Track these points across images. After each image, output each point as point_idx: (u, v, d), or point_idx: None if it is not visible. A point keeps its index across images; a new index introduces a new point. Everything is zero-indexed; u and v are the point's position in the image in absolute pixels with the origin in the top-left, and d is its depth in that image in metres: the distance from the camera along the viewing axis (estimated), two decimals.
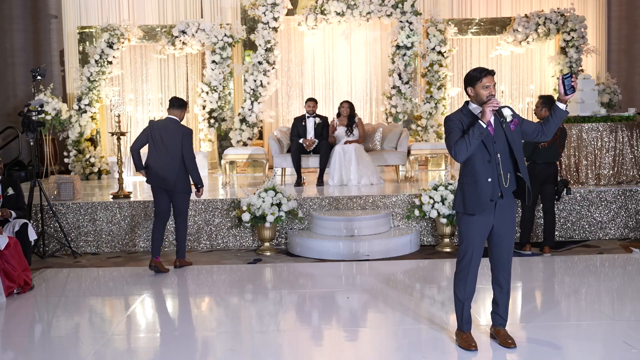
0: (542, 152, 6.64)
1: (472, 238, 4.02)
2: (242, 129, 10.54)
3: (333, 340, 4.54)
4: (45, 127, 10.39)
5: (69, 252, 7.41)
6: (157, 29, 11.00)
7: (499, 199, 3.97)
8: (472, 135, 3.84)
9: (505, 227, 4.05)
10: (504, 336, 4.20)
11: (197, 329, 4.79)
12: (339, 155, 8.71)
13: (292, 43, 11.43)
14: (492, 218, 4.00)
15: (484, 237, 4.05)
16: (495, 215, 4.00)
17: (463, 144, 3.85)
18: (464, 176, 4.03)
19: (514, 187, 4.04)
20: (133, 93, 11.55)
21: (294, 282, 6.19)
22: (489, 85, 3.95)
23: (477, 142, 3.85)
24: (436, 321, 4.71)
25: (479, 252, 4.05)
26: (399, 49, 10.59)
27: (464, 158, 3.91)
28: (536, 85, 11.53)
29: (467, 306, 4.13)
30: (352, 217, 7.21)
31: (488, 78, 3.96)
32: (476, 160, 3.94)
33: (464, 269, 4.07)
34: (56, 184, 7.86)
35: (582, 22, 10.73)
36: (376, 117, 11.53)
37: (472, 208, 3.97)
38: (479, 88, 3.96)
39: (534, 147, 6.57)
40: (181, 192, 6.43)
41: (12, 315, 5.21)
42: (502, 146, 3.95)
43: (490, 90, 3.95)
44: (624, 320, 4.69)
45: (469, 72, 4.05)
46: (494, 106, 3.86)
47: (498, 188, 3.95)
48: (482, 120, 3.86)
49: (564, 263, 6.50)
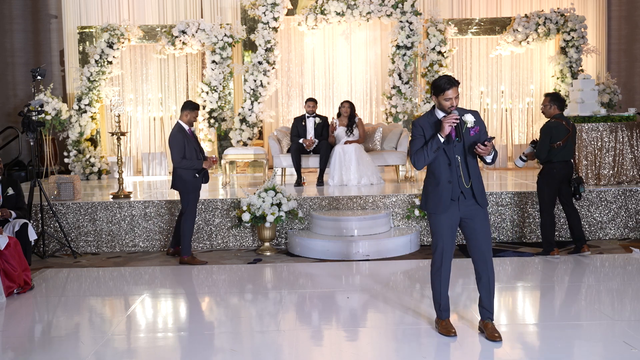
0: (558, 152, 6.45)
1: (440, 233, 4.28)
2: (242, 129, 10.55)
3: (333, 340, 4.54)
4: (45, 127, 10.39)
5: (69, 252, 7.41)
6: (157, 29, 11.00)
7: (462, 197, 4.21)
8: (429, 148, 4.14)
9: (477, 220, 4.26)
10: (491, 329, 4.33)
11: (197, 329, 4.79)
12: (339, 155, 8.71)
13: (292, 43, 11.43)
14: (458, 212, 4.24)
15: (451, 230, 4.29)
16: (462, 210, 4.24)
17: (421, 155, 4.17)
18: (427, 178, 4.34)
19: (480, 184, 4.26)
20: (133, 93, 11.55)
21: (294, 282, 6.19)
22: (451, 97, 4.12)
23: (435, 154, 4.15)
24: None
25: (449, 244, 4.30)
26: (399, 49, 10.59)
27: (422, 167, 4.27)
28: (536, 85, 11.53)
29: (444, 295, 4.37)
30: (352, 217, 7.20)
31: (451, 90, 4.12)
32: (437, 163, 4.22)
33: (437, 260, 4.34)
34: (56, 184, 7.87)
35: (582, 22, 10.73)
36: (376, 117, 11.53)
37: (434, 207, 4.26)
38: (442, 99, 4.16)
39: (549, 147, 6.44)
40: (179, 191, 6.75)
41: (12, 315, 5.21)
42: (462, 149, 4.19)
43: (451, 102, 4.12)
44: (624, 320, 4.70)
45: (435, 81, 4.22)
46: (451, 122, 4.08)
47: (458, 189, 4.20)
48: (440, 135, 4.11)
49: (564, 263, 6.50)
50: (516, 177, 9.56)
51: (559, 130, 6.45)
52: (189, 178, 6.65)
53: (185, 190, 6.68)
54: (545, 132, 6.47)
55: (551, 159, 6.51)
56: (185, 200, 6.70)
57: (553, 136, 6.43)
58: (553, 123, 6.49)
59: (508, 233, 7.62)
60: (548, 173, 6.55)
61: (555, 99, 6.60)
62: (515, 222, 7.61)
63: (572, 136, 6.56)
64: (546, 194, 6.59)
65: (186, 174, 6.64)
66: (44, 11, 12.21)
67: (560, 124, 6.48)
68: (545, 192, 6.59)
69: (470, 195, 4.23)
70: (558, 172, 6.52)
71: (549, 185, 6.57)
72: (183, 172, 6.64)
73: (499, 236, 7.62)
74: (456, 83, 4.14)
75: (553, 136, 6.43)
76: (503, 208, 7.60)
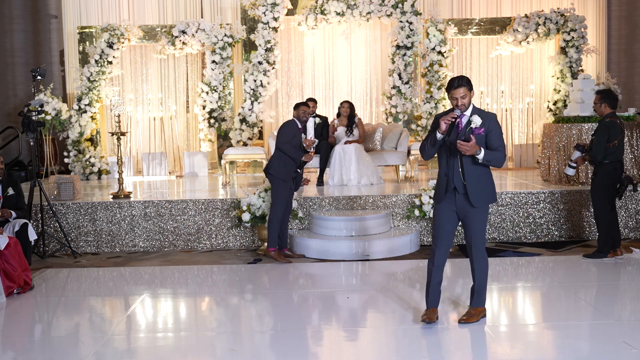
0: (613, 151, 6.20)
1: (437, 221, 4.55)
2: (242, 129, 10.55)
3: (333, 340, 4.54)
4: (45, 127, 10.38)
5: (69, 252, 7.41)
6: (157, 29, 11.00)
7: (457, 192, 4.42)
8: (429, 142, 4.43)
9: (470, 218, 4.48)
10: (466, 313, 4.66)
11: (197, 329, 4.79)
12: (339, 155, 8.71)
13: (292, 43, 11.43)
14: (454, 207, 4.48)
15: (448, 221, 4.51)
16: (458, 205, 4.47)
17: (424, 147, 4.49)
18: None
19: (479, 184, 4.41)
20: (133, 93, 11.55)
21: (294, 282, 6.19)
22: (457, 97, 4.33)
23: (435, 148, 4.43)
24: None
25: (443, 234, 4.51)
26: (399, 49, 10.59)
27: (426, 159, 4.57)
28: (536, 85, 11.53)
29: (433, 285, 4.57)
30: (352, 217, 7.20)
31: (457, 90, 4.33)
32: (440, 157, 4.52)
33: (432, 248, 4.60)
34: (56, 184, 7.86)
35: (582, 22, 10.73)
36: (376, 117, 11.53)
37: (434, 197, 4.63)
38: (450, 97, 4.41)
39: (605, 147, 6.17)
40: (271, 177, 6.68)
41: (12, 315, 5.21)
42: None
43: (457, 102, 4.34)
44: (624, 320, 4.70)
45: (449, 80, 4.46)
46: (447, 120, 4.30)
47: (452, 183, 4.43)
48: (439, 131, 4.34)
49: (564, 263, 6.50)
50: (516, 177, 9.56)
51: (615, 129, 6.20)
52: (286, 169, 6.58)
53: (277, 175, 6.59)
54: (603, 132, 6.20)
55: (606, 160, 6.22)
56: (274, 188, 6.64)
57: (610, 135, 6.17)
58: (609, 122, 6.23)
59: (508, 233, 7.61)
60: (605, 173, 6.28)
61: (606, 96, 6.33)
62: (515, 222, 7.60)
63: (623, 135, 6.30)
64: (603, 194, 6.32)
65: (284, 163, 6.58)
66: (44, 11, 12.21)
67: (615, 123, 6.23)
68: (602, 193, 6.32)
69: (464, 192, 4.40)
70: (614, 172, 6.28)
71: (605, 187, 6.31)
72: (283, 159, 6.57)
73: (499, 236, 7.62)
74: (465, 83, 4.33)
75: (610, 135, 6.17)
76: (503, 208, 7.60)
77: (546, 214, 7.60)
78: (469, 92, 4.35)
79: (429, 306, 4.62)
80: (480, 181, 4.41)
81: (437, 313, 4.62)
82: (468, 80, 4.36)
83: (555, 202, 7.61)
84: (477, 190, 4.40)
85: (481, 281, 4.59)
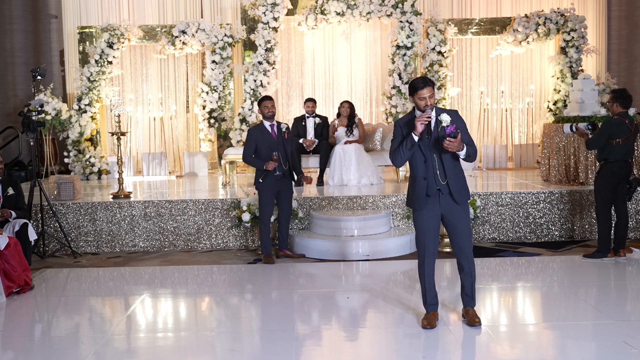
0: (617, 150, 6.21)
1: (421, 229, 4.46)
2: (242, 129, 10.54)
3: (333, 340, 4.54)
4: (45, 127, 10.39)
5: (69, 252, 7.41)
6: (157, 29, 11.00)
7: (441, 193, 4.37)
8: (405, 147, 4.32)
9: (456, 216, 4.43)
10: (472, 315, 4.53)
11: (197, 329, 4.79)
12: (339, 155, 8.71)
13: (292, 43, 11.43)
14: (439, 208, 4.41)
15: (433, 225, 4.44)
16: (442, 206, 4.40)
17: (398, 153, 4.36)
18: (409, 175, 4.53)
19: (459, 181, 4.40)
20: (133, 93, 11.55)
21: (294, 282, 6.19)
22: (425, 97, 4.27)
23: (410, 152, 4.33)
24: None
25: (431, 240, 4.45)
26: (399, 49, 10.59)
27: (400, 165, 4.45)
28: (536, 86, 11.53)
29: (429, 289, 4.53)
30: (352, 217, 7.20)
31: (425, 90, 4.27)
32: (414, 161, 4.41)
33: (420, 256, 4.51)
34: (56, 184, 7.86)
35: (582, 22, 10.73)
36: (376, 117, 11.53)
37: (412, 203, 4.49)
38: (416, 98, 4.32)
39: (604, 143, 6.20)
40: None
41: (12, 315, 5.21)
42: (440, 147, 4.30)
43: (425, 102, 4.28)
44: (624, 320, 4.69)
45: (411, 81, 4.38)
46: (423, 121, 4.24)
47: (434, 185, 4.36)
48: (414, 133, 4.27)
49: (564, 263, 6.50)
50: (516, 177, 9.56)
51: (620, 128, 6.22)
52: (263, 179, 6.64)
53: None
54: (605, 128, 6.25)
55: (609, 158, 6.26)
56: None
57: (613, 133, 6.21)
58: (615, 120, 6.27)
59: (508, 233, 7.61)
60: (607, 172, 6.31)
61: (618, 96, 6.34)
62: (515, 222, 7.60)
63: (633, 135, 6.32)
64: (603, 193, 6.35)
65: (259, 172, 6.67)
66: (44, 11, 12.20)
67: (622, 122, 6.25)
68: (602, 192, 6.35)
69: (447, 191, 4.37)
70: (618, 171, 6.30)
71: (605, 185, 6.33)
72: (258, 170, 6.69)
73: (499, 236, 7.61)
74: (430, 83, 4.30)
75: (613, 133, 6.21)
76: (503, 208, 7.60)
77: (546, 214, 7.60)
78: (434, 91, 4.36)
79: (428, 310, 4.59)
80: (459, 178, 4.43)
81: (438, 316, 4.60)
82: (431, 80, 4.39)
83: (555, 202, 7.61)
84: (458, 187, 4.40)
85: (474, 280, 4.57)
